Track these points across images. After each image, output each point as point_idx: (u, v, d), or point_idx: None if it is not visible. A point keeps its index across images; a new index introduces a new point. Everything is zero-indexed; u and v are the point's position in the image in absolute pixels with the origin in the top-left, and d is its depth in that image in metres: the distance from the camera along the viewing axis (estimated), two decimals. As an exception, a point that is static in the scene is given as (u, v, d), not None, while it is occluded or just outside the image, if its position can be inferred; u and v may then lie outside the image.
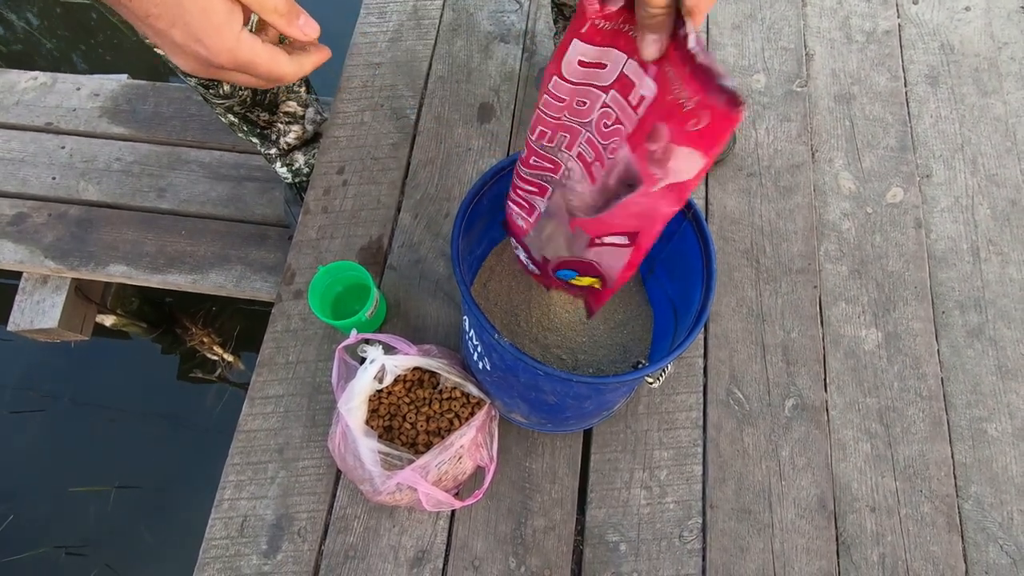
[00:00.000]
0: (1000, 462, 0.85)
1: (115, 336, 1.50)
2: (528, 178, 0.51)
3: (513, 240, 0.61)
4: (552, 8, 0.94)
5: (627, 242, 0.45)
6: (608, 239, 0.47)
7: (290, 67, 0.39)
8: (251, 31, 0.37)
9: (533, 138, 0.47)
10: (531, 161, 0.49)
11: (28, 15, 1.93)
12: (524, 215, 0.56)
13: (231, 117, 0.93)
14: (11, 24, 1.90)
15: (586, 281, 0.56)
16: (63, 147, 1.25)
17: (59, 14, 1.91)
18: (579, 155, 0.46)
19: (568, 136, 0.45)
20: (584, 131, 0.44)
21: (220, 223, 1.19)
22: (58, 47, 1.87)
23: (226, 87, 0.84)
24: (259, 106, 0.92)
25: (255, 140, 1.00)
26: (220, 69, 0.37)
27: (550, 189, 0.51)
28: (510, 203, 0.57)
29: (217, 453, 0.89)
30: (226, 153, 1.25)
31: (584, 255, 0.52)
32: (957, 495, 0.84)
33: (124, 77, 1.35)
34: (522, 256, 0.60)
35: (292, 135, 1.01)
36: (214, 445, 1.37)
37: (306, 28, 0.38)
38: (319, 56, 0.41)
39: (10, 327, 1.21)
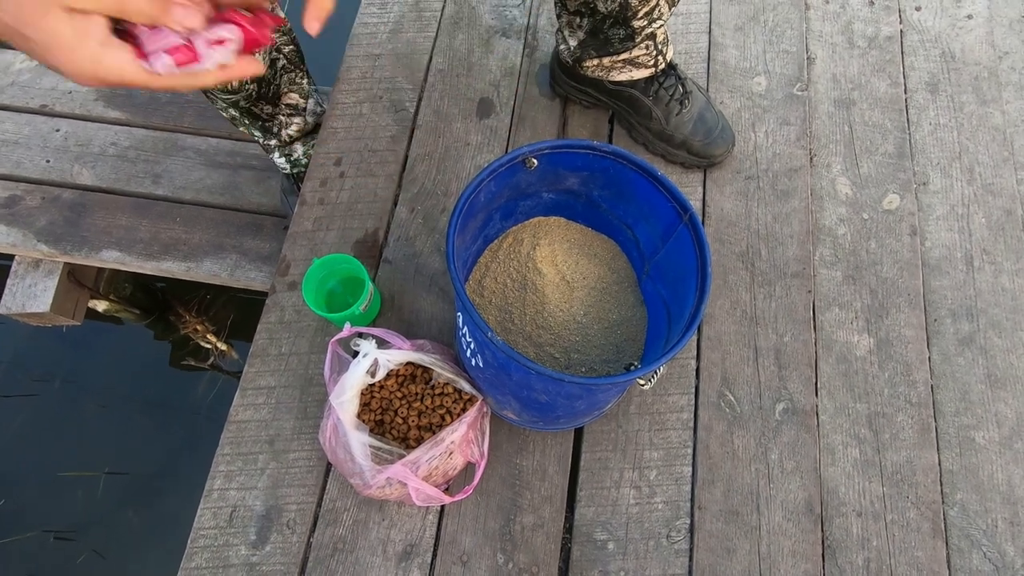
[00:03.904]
0: (986, 470, 0.86)
1: (108, 321, 1.49)
2: None
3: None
4: (555, 2, 0.94)
5: None
6: None
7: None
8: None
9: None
10: None
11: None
12: None
13: (233, 112, 0.92)
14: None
15: None
16: (58, 130, 1.24)
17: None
18: None
19: None
20: None
21: (215, 211, 1.18)
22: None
23: (234, 83, 0.83)
24: (263, 99, 0.91)
25: (256, 133, 0.99)
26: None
27: None
28: None
29: (208, 442, 0.89)
30: (223, 140, 1.24)
31: None
32: (943, 502, 0.84)
33: (121, 61, 1.33)
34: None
35: (294, 127, 1.01)
36: (205, 434, 1.37)
37: (186, 20, 0.35)
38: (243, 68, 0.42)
39: (1, 310, 1.20)
